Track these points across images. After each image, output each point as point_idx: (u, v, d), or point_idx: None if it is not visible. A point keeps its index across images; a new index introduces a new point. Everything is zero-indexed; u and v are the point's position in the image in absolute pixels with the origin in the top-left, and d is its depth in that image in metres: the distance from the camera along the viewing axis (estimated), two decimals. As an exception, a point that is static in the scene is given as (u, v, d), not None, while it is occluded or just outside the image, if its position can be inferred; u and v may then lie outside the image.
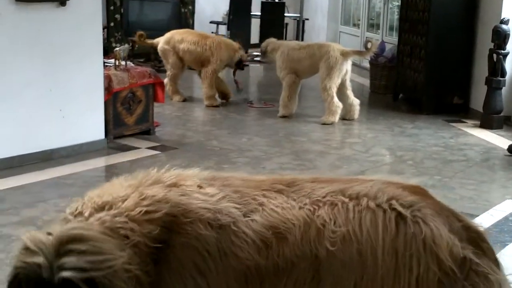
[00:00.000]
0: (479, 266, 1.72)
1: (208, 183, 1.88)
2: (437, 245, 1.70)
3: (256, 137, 6.20)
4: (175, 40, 7.85)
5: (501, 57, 6.75)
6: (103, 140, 5.59)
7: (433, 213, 1.78)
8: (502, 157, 5.75)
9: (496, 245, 3.70)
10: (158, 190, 1.80)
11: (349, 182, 1.86)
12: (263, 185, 1.85)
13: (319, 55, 6.97)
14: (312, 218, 1.74)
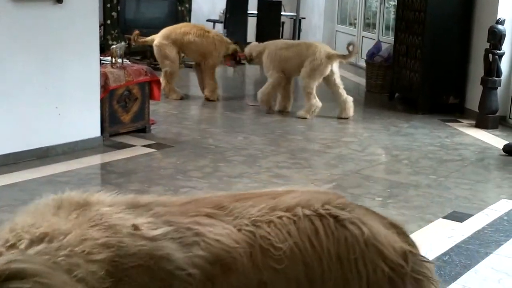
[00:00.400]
0: (418, 257, 1.74)
1: (136, 212, 1.67)
2: (380, 242, 1.68)
3: (252, 136, 6.20)
4: (177, 33, 7.83)
5: (496, 57, 6.77)
6: (98, 137, 5.58)
7: (365, 212, 1.78)
8: (497, 157, 5.76)
9: (491, 244, 3.72)
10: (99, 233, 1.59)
11: (276, 196, 1.77)
12: (190, 211, 1.69)
13: (306, 55, 7.06)
14: (255, 240, 1.63)
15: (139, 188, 4.52)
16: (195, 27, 8.01)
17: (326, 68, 7.00)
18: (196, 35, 7.79)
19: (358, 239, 1.67)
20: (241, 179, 4.83)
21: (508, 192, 4.78)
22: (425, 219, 4.13)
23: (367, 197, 4.53)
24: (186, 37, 7.79)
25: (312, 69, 6.98)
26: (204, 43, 7.77)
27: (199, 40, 7.77)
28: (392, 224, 1.80)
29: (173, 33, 7.85)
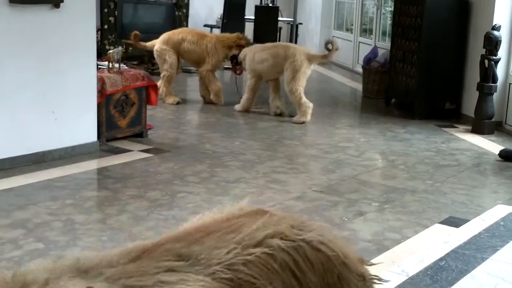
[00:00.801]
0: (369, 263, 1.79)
1: (87, 279, 1.38)
2: (348, 258, 1.66)
3: (249, 141, 6.20)
4: (175, 40, 7.88)
5: (492, 63, 6.79)
6: (95, 142, 5.58)
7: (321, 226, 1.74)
8: (493, 162, 5.78)
9: (487, 249, 3.72)
10: None
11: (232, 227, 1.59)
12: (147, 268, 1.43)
13: (283, 56, 7.11)
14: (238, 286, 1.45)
15: (136, 193, 4.52)
16: (191, 33, 8.03)
17: (308, 69, 7.07)
18: (191, 41, 7.84)
19: (333, 261, 1.62)
20: (238, 184, 4.83)
21: (504, 197, 4.80)
22: (421, 224, 4.13)
23: (363, 202, 4.54)
24: (182, 44, 7.86)
25: (294, 71, 7.02)
26: (197, 49, 7.83)
27: (193, 47, 7.83)
28: None
29: (171, 39, 7.91)
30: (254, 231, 1.54)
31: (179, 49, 7.89)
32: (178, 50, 7.89)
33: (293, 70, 7.01)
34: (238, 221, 1.59)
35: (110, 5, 11.12)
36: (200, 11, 12.60)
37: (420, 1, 7.57)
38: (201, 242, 1.51)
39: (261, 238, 1.54)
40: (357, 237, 3.88)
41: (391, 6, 9.33)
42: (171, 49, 7.86)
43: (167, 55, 7.86)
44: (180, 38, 7.88)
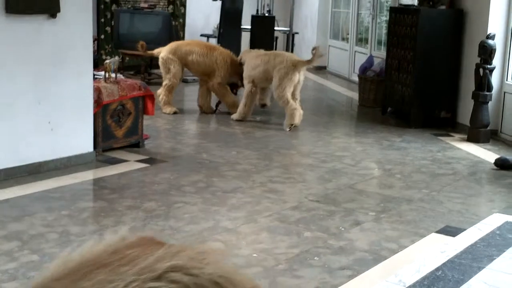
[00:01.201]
0: None
1: None
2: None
3: (246, 150, 6.21)
4: (183, 50, 7.90)
5: (487, 71, 6.82)
6: (91, 153, 5.58)
7: (220, 260, 1.57)
8: (489, 171, 5.79)
9: (483, 259, 3.73)
10: None
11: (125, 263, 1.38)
12: None
13: (273, 64, 7.24)
14: None
15: (132, 203, 4.51)
16: (199, 45, 8.06)
17: (294, 75, 7.15)
18: (200, 53, 7.85)
19: None
20: (235, 194, 4.83)
21: (500, 206, 4.80)
22: (418, 234, 4.13)
23: (360, 211, 4.54)
24: (189, 56, 7.87)
25: (280, 78, 7.13)
26: (206, 62, 7.83)
27: (202, 60, 7.84)
28: None
29: (178, 50, 7.92)
30: (153, 263, 1.37)
31: (187, 60, 7.89)
32: (185, 61, 7.90)
33: (280, 77, 7.14)
34: (131, 253, 1.39)
35: (106, 15, 11.15)
36: (196, 20, 12.62)
37: (415, 10, 7.60)
38: (89, 277, 1.33)
39: (162, 271, 1.36)
40: (354, 246, 3.88)
41: (386, 16, 9.36)
42: (177, 59, 7.88)
43: (172, 65, 7.86)
44: (188, 50, 7.89)
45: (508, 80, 7.02)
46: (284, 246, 3.84)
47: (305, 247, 3.84)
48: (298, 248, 3.81)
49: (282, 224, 4.23)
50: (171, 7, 12.10)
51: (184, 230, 4.05)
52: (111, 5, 11.22)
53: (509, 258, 3.77)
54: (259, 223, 4.25)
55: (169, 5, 12.11)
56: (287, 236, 4.00)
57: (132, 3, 11.36)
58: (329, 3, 12.70)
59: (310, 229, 4.15)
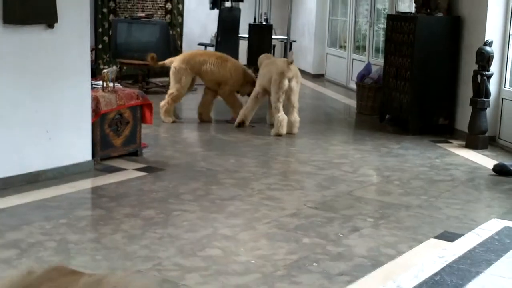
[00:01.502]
0: None
1: None
2: None
3: (244, 158, 6.21)
4: (196, 61, 7.98)
5: (485, 78, 6.83)
6: (89, 161, 5.58)
7: None
8: (487, 177, 5.79)
9: (482, 264, 3.73)
10: None
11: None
12: None
13: (272, 72, 7.39)
14: None
15: (130, 212, 4.51)
16: (213, 56, 8.16)
17: (282, 83, 7.22)
18: (213, 64, 7.96)
19: None
20: (233, 202, 4.83)
21: (498, 211, 4.80)
22: (416, 240, 4.13)
23: (359, 218, 4.54)
24: (203, 66, 7.96)
25: (273, 85, 7.28)
26: (220, 72, 7.94)
27: (216, 69, 7.94)
28: None
29: (192, 60, 7.99)
30: None
31: (200, 69, 7.97)
32: (198, 71, 7.99)
33: (273, 84, 7.28)
34: (50, 286, 1.27)
35: (104, 24, 11.18)
36: (194, 29, 12.66)
37: (412, 17, 7.63)
38: None
39: None
40: (352, 253, 3.88)
41: (384, 23, 9.40)
42: (189, 69, 7.95)
43: (184, 75, 7.93)
44: (202, 60, 7.99)
45: (506, 86, 7.04)
46: (282, 253, 3.84)
47: (303, 253, 3.84)
48: (297, 255, 3.81)
49: (280, 231, 4.23)
50: (169, 17, 12.14)
51: (182, 237, 4.04)
52: (108, 15, 11.25)
53: (508, 263, 3.77)
54: (257, 230, 4.25)
55: (167, 14, 12.15)
56: (286, 243, 4.00)
57: (130, 13, 11.39)
58: (327, 11, 12.74)
59: (308, 236, 4.14)
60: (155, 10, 11.97)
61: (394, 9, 9.50)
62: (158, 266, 3.58)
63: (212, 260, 3.69)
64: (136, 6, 11.69)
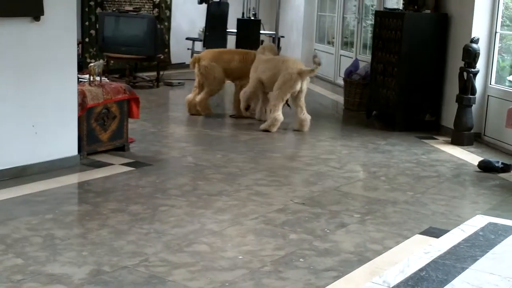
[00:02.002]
0: None
1: None
2: None
3: (231, 154, 6.21)
4: (223, 60, 8.09)
5: (471, 75, 6.87)
6: (76, 156, 5.55)
7: None
8: (472, 173, 5.83)
9: (467, 259, 3.76)
10: None
11: None
12: None
13: (279, 68, 7.29)
14: None
15: (117, 207, 4.50)
16: (236, 54, 8.24)
17: (296, 83, 7.17)
18: (238, 61, 8.07)
19: None
20: (220, 197, 4.83)
21: (483, 207, 4.84)
22: (402, 235, 4.16)
23: (345, 214, 4.55)
24: (231, 64, 8.08)
25: (283, 83, 7.17)
26: (244, 68, 7.99)
27: (241, 65, 8.03)
28: None
29: (219, 59, 8.10)
30: None
31: (227, 68, 8.07)
32: (225, 70, 8.07)
33: (283, 81, 7.18)
34: None
35: (91, 18, 11.12)
36: (182, 24, 12.62)
37: (400, 14, 7.65)
38: None
39: None
40: (339, 248, 3.89)
41: (372, 20, 9.42)
42: (220, 66, 8.05)
43: (216, 72, 8.04)
44: (228, 59, 8.09)
45: (492, 83, 7.08)
46: (269, 248, 3.85)
47: (290, 249, 3.85)
48: (284, 250, 3.82)
49: (267, 226, 4.24)
50: (156, 10, 12.09)
51: (169, 233, 4.04)
52: (95, 8, 11.20)
53: (492, 258, 3.81)
54: (244, 225, 4.25)
55: (154, 8, 12.11)
56: (273, 238, 4.01)
57: (117, 6, 11.34)
58: (315, 7, 12.75)
59: (295, 231, 4.16)
60: (142, 3, 11.92)
61: (382, 5, 9.54)
62: (145, 262, 3.58)
63: (199, 256, 3.69)
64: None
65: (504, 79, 7.18)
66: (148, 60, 10.42)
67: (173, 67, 12.33)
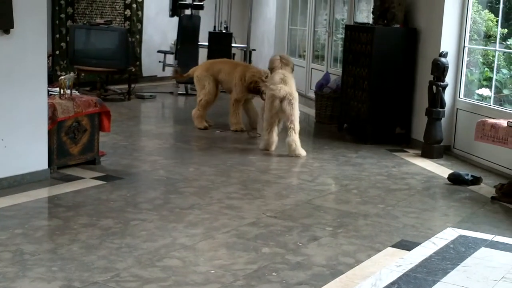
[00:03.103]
0: None
1: None
2: None
3: (203, 167, 6.19)
4: (214, 70, 8.10)
5: (440, 88, 6.97)
6: (46, 170, 5.49)
7: None
8: (442, 186, 5.90)
9: (438, 272, 3.79)
10: None
11: None
12: None
13: None
14: None
15: (88, 221, 4.45)
16: (227, 64, 8.23)
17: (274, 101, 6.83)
18: (226, 72, 8.04)
19: None
20: (192, 211, 4.81)
21: (454, 220, 4.90)
22: (374, 248, 4.18)
23: (317, 227, 4.57)
24: (220, 75, 8.06)
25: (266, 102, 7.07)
26: (231, 79, 7.98)
27: (228, 78, 8.00)
28: None
29: (210, 69, 8.12)
30: None
31: (218, 79, 8.08)
32: (217, 80, 8.08)
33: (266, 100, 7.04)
34: None
35: (62, 30, 11.03)
36: (153, 37, 12.59)
37: (370, 28, 7.74)
38: None
39: None
40: (311, 262, 3.90)
41: (342, 33, 9.50)
42: (211, 76, 8.07)
43: (207, 82, 8.05)
44: (218, 69, 8.08)
45: (461, 97, 7.19)
46: (242, 262, 3.84)
47: (263, 263, 3.85)
48: (256, 264, 3.82)
49: (240, 240, 4.23)
50: (128, 23, 12.05)
51: (141, 247, 4.01)
52: (66, 20, 11.12)
53: (463, 271, 3.85)
54: (217, 239, 4.24)
55: (126, 21, 12.07)
56: (245, 252, 4.00)
57: (88, 19, 11.27)
58: (286, 21, 12.83)
59: (268, 245, 4.16)
60: (114, 16, 11.87)
61: (352, 19, 9.64)
62: (116, 277, 3.54)
63: (171, 271, 3.67)
64: (95, 12, 11.57)
65: (472, 92, 7.29)
66: (119, 73, 10.38)
67: (145, 80, 12.28)
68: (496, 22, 7.13)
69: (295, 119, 6.90)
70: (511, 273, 3.84)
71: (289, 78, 7.03)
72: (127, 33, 10.50)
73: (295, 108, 6.91)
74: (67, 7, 11.12)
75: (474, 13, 7.28)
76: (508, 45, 7.15)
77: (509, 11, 7.27)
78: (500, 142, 5.46)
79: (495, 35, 7.03)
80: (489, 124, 5.58)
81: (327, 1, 10.88)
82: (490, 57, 7.25)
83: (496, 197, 5.44)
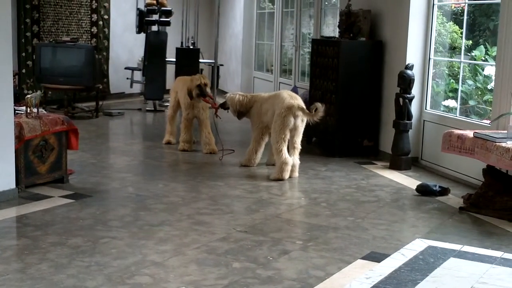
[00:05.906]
0: None
1: None
2: None
3: (172, 183, 6.17)
4: (177, 85, 8.09)
5: (407, 101, 7.07)
6: (14, 189, 5.42)
7: None
8: (411, 197, 5.97)
9: (408, 284, 3.83)
10: None
11: None
12: None
13: (274, 105, 6.60)
14: None
15: (57, 240, 4.40)
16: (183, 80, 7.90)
17: (288, 119, 6.41)
18: (180, 89, 7.88)
19: None
20: (162, 227, 4.79)
21: (422, 231, 4.95)
22: (344, 261, 4.21)
23: (287, 241, 4.58)
24: (178, 92, 7.94)
25: (275, 121, 6.48)
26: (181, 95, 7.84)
27: (182, 94, 7.82)
28: None
29: (176, 85, 8.11)
30: None
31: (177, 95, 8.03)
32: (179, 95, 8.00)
33: (275, 120, 6.47)
34: None
35: (28, 49, 10.94)
36: (120, 54, 12.55)
37: (336, 42, 7.82)
38: None
39: None
40: (282, 276, 3.91)
41: (309, 47, 9.59)
42: (174, 92, 8.08)
43: (171, 97, 8.13)
44: (181, 84, 7.93)
45: (427, 108, 7.30)
46: (213, 278, 3.83)
47: (234, 277, 3.84)
48: (227, 279, 3.81)
49: (210, 255, 4.22)
50: (94, 41, 12.00)
51: (111, 265, 3.98)
52: (32, 39, 11.03)
53: (432, 281, 3.89)
54: (187, 255, 4.22)
55: (92, 38, 12.01)
56: (216, 268, 4.00)
57: (54, 37, 11.20)
58: (253, 36, 12.91)
59: (238, 260, 4.15)
60: (80, 34, 11.81)
61: (319, 33, 9.73)
62: (86, 296, 3.50)
63: (142, 288, 3.64)
64: (61, 30, 11.50)
65: (439, 104, 7.41)
66: (87, 90, 10.31)
67: (113, 97, 12.22)
68: (460, 34, 7.27)
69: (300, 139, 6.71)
70: (479, 283, 3.89)
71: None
72: (94, 50, 10.45)
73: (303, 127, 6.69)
74: (32, 25, 11.04)
75: (439, 25, 7.42)
76: (473, 57, 7.30)
77: (473, 23, 7.43)
78: (466, 152, 5.55)
79: (460, 46, 7.17)
80: (455, 135, 5.67)
81: (294, 16, 10.98)
82: (455, 68, 7.38)
83: (464, 208, 5.53)
